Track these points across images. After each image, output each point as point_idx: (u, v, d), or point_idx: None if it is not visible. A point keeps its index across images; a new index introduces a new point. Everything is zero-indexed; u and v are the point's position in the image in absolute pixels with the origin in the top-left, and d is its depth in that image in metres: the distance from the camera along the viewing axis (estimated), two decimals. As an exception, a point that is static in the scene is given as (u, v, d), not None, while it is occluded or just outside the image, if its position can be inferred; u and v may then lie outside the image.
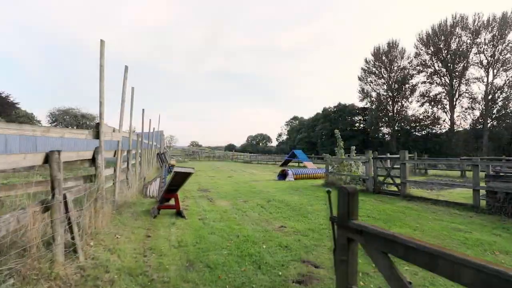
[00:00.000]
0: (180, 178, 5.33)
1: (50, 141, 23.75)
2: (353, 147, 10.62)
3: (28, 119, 47.40)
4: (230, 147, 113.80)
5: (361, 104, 60.36)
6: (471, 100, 48.58)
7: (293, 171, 12.72)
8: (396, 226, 4.94)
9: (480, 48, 46.19)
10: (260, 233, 4.55)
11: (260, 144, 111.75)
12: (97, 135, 3.99)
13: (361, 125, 62.48)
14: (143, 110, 9.02)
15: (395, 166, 8.19)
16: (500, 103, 45.38)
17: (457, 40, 48.28)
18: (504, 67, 44.96)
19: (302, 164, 24.78)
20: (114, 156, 5.00)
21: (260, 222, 5.30)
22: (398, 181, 8.14)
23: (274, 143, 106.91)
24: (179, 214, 5.70)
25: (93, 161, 3.87)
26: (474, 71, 51.28)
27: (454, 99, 49.60)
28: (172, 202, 6.00)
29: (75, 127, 49.49)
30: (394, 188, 8.43)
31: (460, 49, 47.39)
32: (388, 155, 13.70)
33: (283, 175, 13.03)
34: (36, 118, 51.61)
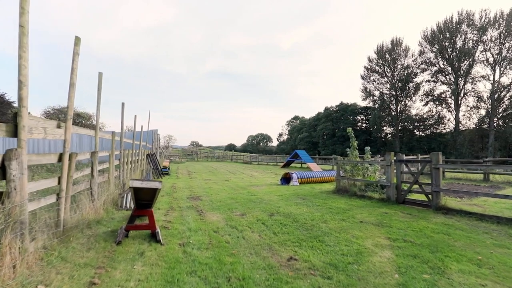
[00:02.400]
0: (145, 194, 3.97)
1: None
2: (368, 148, 9.22)
3: (24, 118, 46.15)
4: (231, 147, 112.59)
5: (363, 103, 59.08)
6: (476, 99, 47.28)
7: (297, 174, 11.33)
8: (451, 259, 3.54)
9: (487, 45, 44.84)
10: (262, 273, 3.16)
11: (261, 144, 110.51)
12: (14, 132, 2.61)
13: (364, 125, 61.18)
14: (122, 104, 7.64)
15: (424, 171, 6.79)
16: (506, 102, 44.14)
17: (462, 37, 46.89)
18: (511, 65, 43.60)
19: (305, 165, 23.39)
20: (59, 161, 3.62)
21: (262, 250, 3.91)
22: (418, 186, 6.76)
23: (274, 143, 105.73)
24: (154, 236, 4.32)
25: (2, 171, 2.50)
26: (480, 69, 49.96)
27: (459, 98, 48.23)
28: (147, 220, 4.61)
29: (69, 127, 48.01)
30: (421, 197, 7.05)
31: (466, 47, 45.99)
32: (404, 156, 12.26)
33: (286, 179, 11.63)
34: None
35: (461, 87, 47.85)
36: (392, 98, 54.55)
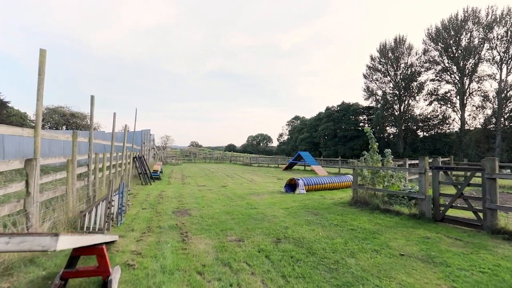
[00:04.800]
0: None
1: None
2: (389, 151, 7.78)
3: (20, 118, 45.34)
4: (230, 148, 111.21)
5: (366, 103, 57.66)
6: (483, 98, 45.95)
7: (304, 180, 9.88)
8: None
9: (493, 43, 43.49)
10: None
11: (261, 144, 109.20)
12: None
13: (366, 125, 59.75)
14: (92, 97, 6.20)
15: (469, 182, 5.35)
16: (514, 101, 42.81)
17: (468, 35, 45.49)
18: (519, 63, 42.25)
19: (309, 167, 21.95)
20: None
21: (267, 317, 2.46)
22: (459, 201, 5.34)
23: (275, 143, 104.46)
24: (106, 286, 2.88)
25: None
26: (486, 68, 48.72)
27: (465, 98, 46.84)
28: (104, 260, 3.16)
29: (63, 127, 46.59)
30: (466, 214, 5.63)
31: (471, 45, 44.61)
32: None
33: (291, 186, 10.19)
34: (30, 117, 49.53)
35: (466, 86, 46.49)
36: (395, 98, 53.18)
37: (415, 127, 53.07)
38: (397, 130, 53.81)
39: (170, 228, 5.30)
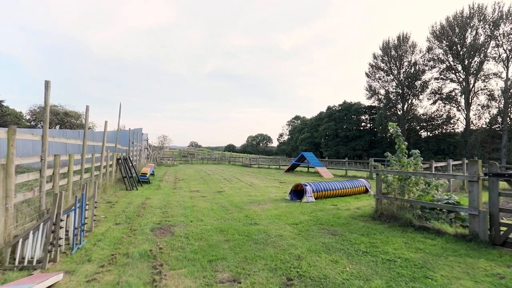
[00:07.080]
0: None
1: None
2: (417, 151, 6.41)
3: (15, 117, 44.15)
4: (230, 148, 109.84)
5: (368, 102, 56.27)
6: (488, 97, 44.65)
7: (312, 186, 8.50)
8: None
9: (499, 41, 42.21)
10: None
11: (261, 144, 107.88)
12: None
13: (368, 125, 58.39)
14: (46, 82, 4.81)
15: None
16: (520, 100, 41.54)
17: (473, 32, 44.18)
18: (526, 61, 40.97)
19: (312, 169, 20.57)
20: None
21: None
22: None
23: (275, 144, 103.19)
24: None
25: None
26: (491, 66, 47.43)
27: (470, 97, 45.52)
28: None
29: (57, 126, 45.10)
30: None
31: (477, 43, 43.28)
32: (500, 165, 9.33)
33: (297, 192, 8.82)
34: (25, 117, 48.31)
35: (471, 85, 45.19)
36: (398, 97, 51.82)
37: (418, 127, 51.79)
38: (400, 130, 52.49)
39: (141, 257, 3.91)
